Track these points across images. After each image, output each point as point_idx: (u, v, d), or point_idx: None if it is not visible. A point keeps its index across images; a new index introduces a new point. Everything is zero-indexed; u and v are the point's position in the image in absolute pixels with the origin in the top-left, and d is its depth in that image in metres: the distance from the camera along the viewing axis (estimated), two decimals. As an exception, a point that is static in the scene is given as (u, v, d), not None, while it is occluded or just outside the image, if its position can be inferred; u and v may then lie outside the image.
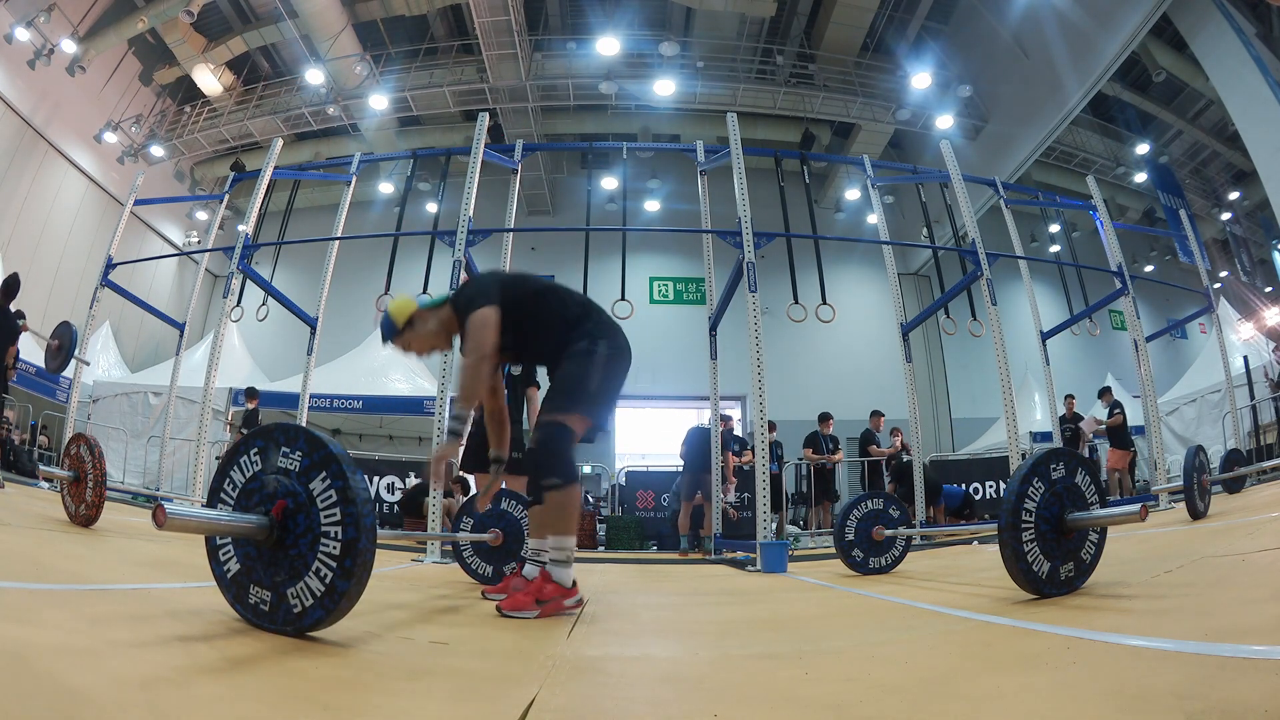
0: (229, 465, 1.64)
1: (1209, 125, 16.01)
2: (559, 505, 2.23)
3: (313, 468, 1.54)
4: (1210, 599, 1.88)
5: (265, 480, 1.58)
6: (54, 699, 0.94)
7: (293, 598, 1.50)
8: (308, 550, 1.50)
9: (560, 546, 2.25)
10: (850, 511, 3.80)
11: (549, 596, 2.18)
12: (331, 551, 1.48)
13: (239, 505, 1.61)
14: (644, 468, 11.42)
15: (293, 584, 1.51)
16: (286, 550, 1.52)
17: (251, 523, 1.52)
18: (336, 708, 1.07)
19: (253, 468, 1.61)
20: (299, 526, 1.51)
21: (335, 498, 1.51)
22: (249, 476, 1.61)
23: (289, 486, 1.54)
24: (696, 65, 14.49)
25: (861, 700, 1.19)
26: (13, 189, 12.55)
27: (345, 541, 1.48)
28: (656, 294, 16.84)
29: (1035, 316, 8.39)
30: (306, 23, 13.52)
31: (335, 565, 1.47)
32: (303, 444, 1.56)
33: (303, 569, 1.50)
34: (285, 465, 1.57)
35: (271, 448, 1.59)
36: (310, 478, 1.54)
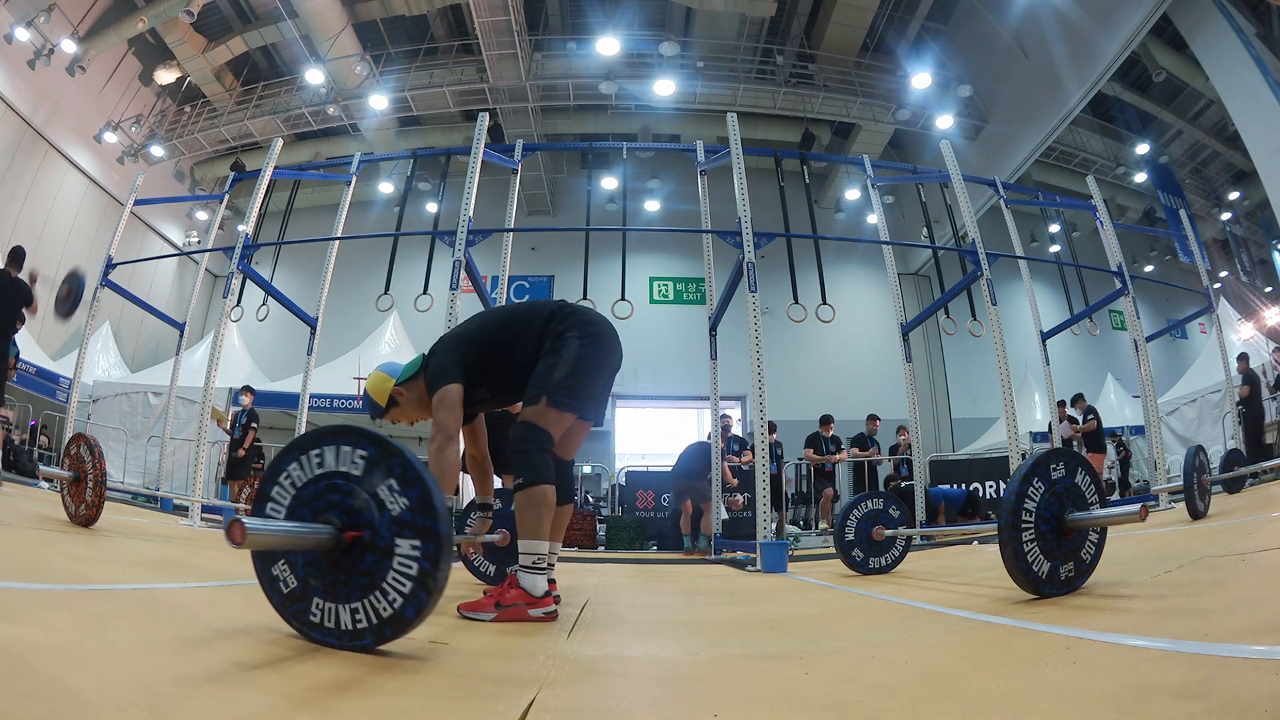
0: (278, 471, 1.55)
1: (1209, 125, 16.01)
2: (524, 506, 2.15)
3: (382, 473, 1.46)
4: (1210, 599, 1.88)
5: (328, 487, 1.49)
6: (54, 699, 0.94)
7: (359, 613, 1.43)
8: (376, 565, 1.42)
9: (530, 551, 2.14)
10: (850, 511, 3.80)
11: (510, 602, 2.11)
12: (406, 570, 1.40)
13: (293, 514, 1.51)
14: (644, 468, 11.42)
15: (362, 598, 1.43)
16: (355, 564, 1.44)
17: (324, 534, 1.44)
18: (336, 708, 1.07)
19: (309, 473, 1.52)
20: (370, 538, 1.43)
21: (410, 506, 1.43)
22: (305, 483, 1.52)
23: (356, 497, 1.46)
24: (696, 65, 14.49)
25: (861, 700, 1.19)
26: (13, 189, 12.55)
27: (421, 556, 1.40)
28: (656, 294, 16.84)
29: (1035, 316, 8.39)
30: (306, 23, 13.52)
31: (409, 582, 1.40)
32: (369, 448, 1.48)
33: (372, 585, 1.42)
34: (349, 471, 1.48)
35: (332, 451, 1.50)
36: (379, 484, 1.45)
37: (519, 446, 2.18)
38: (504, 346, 2.38)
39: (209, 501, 6.93)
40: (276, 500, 1.54)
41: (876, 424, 9.43)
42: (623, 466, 11.39)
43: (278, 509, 1.54)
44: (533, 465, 2.16)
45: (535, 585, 2.14)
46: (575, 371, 2.25)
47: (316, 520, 1.47)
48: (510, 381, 2.38)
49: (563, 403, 2.21)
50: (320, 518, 1.47)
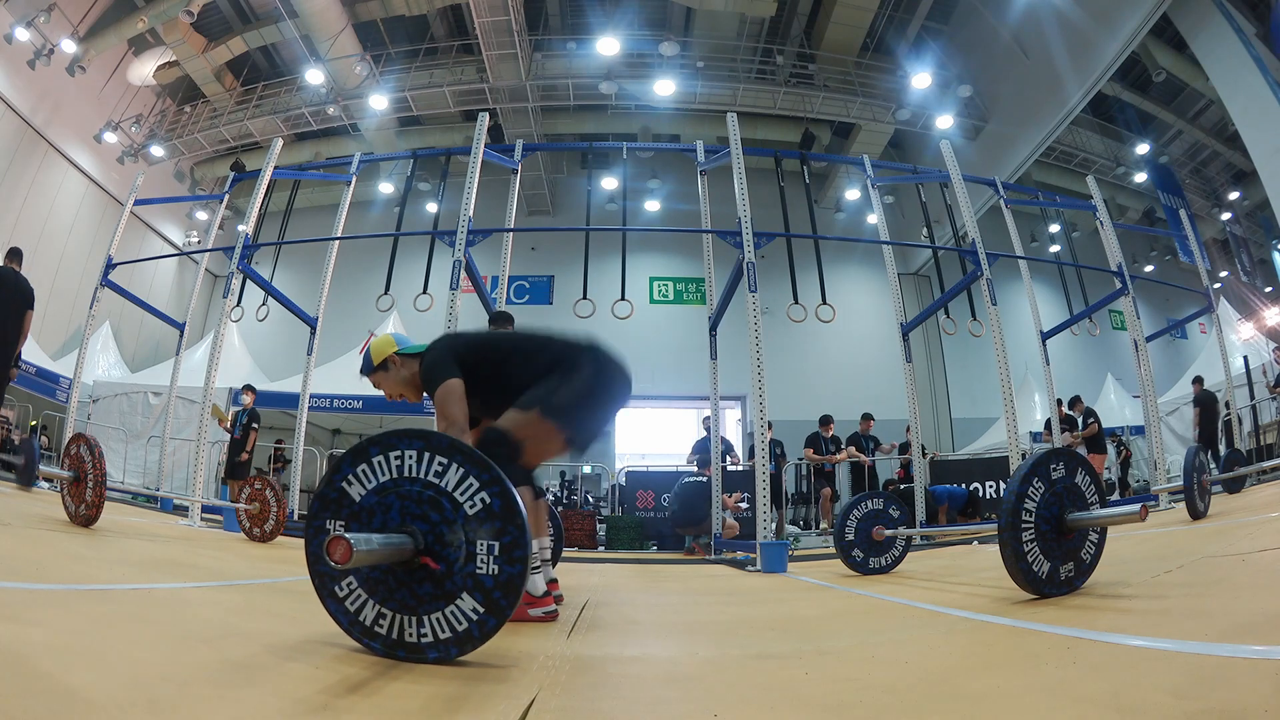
0: (338, 474, 1.54)
1: (1209, 125, 16.00)
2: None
3: (461, 480, 1.47)
4: (1210, 599, 1.88)
5: (398, 493, 1.48)
6: (53, 698, 0.94)
7: (431, 625, 1.43)
8: (457, 574, 1.42)
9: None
10: (850, 511, 3.80)
11: None
12: (483, 582, 1.41)
13: (354, 522, 1.50)
14: (644, 468, 11.41)
15: (436, 610, 1.43)
16: (431, 574, 1.43)
17: (409, 546, 1.43)
18: (336, 708, 1.07)
19: (376, 479, 1.50)
20: (446, 549, 1.44)
21: (490, 510, 1.44)
22: (372, 489, 1.51)
23: (433, 504, 1.46)
24: (696, 65, 14.49)
25: (861, 700, 1.19)
26: (13, 189, 12.54)
27: (500, 569, 1.41)
28: (656, 294, 16.84)
29: (1035, 316, 8.39)
30: (306, 23, 13.51)
31: (484, 596, 1.40)
32: (457, 457, 1.48)
33: (448, 598, 1.42)
34: (427, 478, 1.48)
35: (405, 456, 1.50)
36: (457, 490, 1.46)
37: (487, 453, 2.16)
38: (510, 375, 2.31)
39: (209, 501, 6.93)
40: (345, 501, 1.52)
41: (870, 424, 9.43)
42: (623, 466, 11.39)
43: (350, 508, 1.52)
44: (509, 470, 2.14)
45: (535, 585, 2.14)
46: (577, 395, 2.20)
47: (399, 529, 1.46)
48: (506, 404, 2.31)
49: (556, 419, 2.16)
50: (404, 528, 1.46)
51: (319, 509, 1.54)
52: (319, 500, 1.55)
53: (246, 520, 5.07)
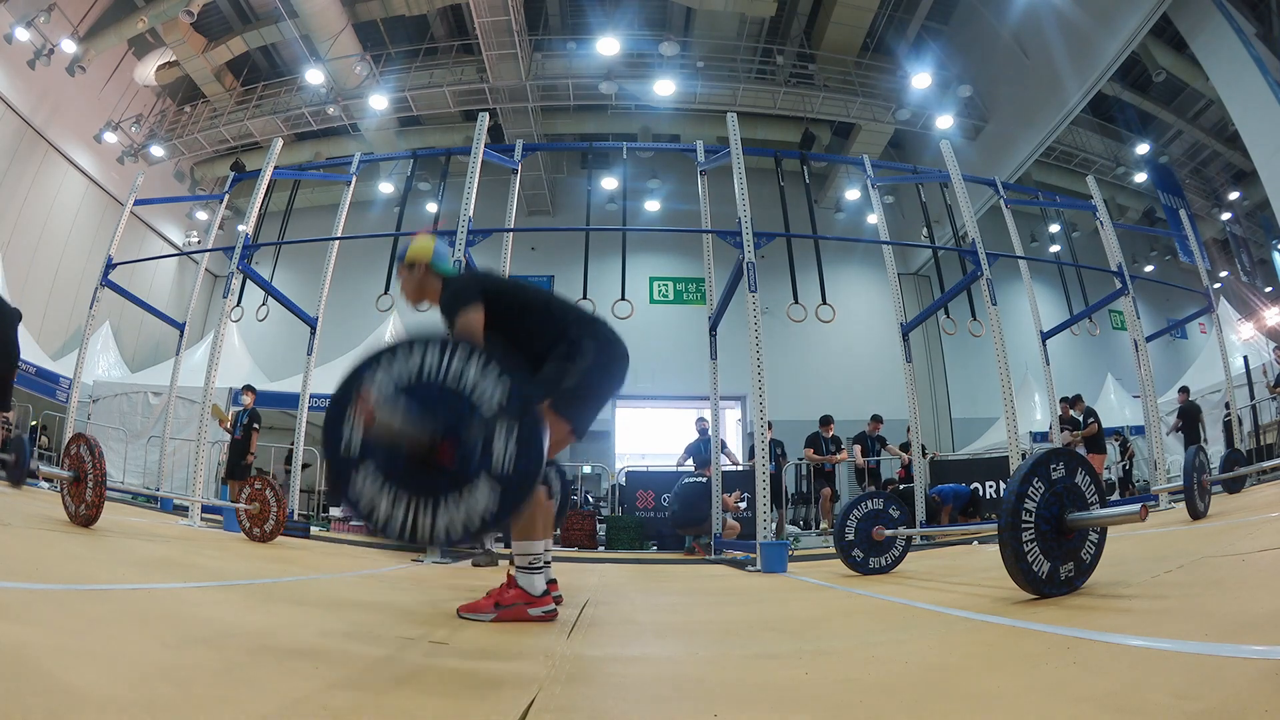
0: (358, 377, 1.66)
1: (1209, 125, 16.01)
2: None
3: (478, 382, 1.61)
4: (1210, 599, 1.88)
5: (419, 393, 1.60)
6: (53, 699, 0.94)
7: (443, 515, 1.55)
8: (471, 466, 1.55)
9: (525, 552, 2.13)
10: (850, 511, 3.80)
11: (509, 602, 2.10)
12: (496, 476, 1.54)
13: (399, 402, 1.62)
14: (644, 468, 11.41)
15: (448, 500, 1.55)
16: (445, 466, 1.56)
17: (423, 436, 1.57)
18: (336, 708, 1.07)
19: (393, 381, 1.63)
20: (462, 444, 1.56)
21: (506, 411, 1.58)
22: (391, 391, 1.63)
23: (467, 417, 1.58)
24: (696, 65, 14.49)
25: (861, 700, 1.19)
26: (13, 189, 12.55)
27: (513, 465, 1.54)
28: (656, 294, 16.84)
29: (1035, 316, 8.39)
30: (306, 23, 13.51)
31: (496, 488, 1.54)
32: (476, 361, 1.62)
33: (461, 488, 1.54)
34: (446, 380, 1.61)
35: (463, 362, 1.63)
36: (474, 392, 1.60)
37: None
38: (526, 328, 2.32)
39: (209, 501, 6.93)
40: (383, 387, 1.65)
41: (878, 425, 9.43)
42: (623, 466, 11.39)
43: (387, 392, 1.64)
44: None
45: (533, 584, 2.14)
46: (583, 385, 2.21)
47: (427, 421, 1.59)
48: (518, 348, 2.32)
49: (564, 412, 2.16)
50: (433, 421, 1.59)
51: (340, 405, 1.66)
52: (336, 402, 1.67)
53: (246, 520, 5.08)
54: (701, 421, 8.64)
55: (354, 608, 2.40)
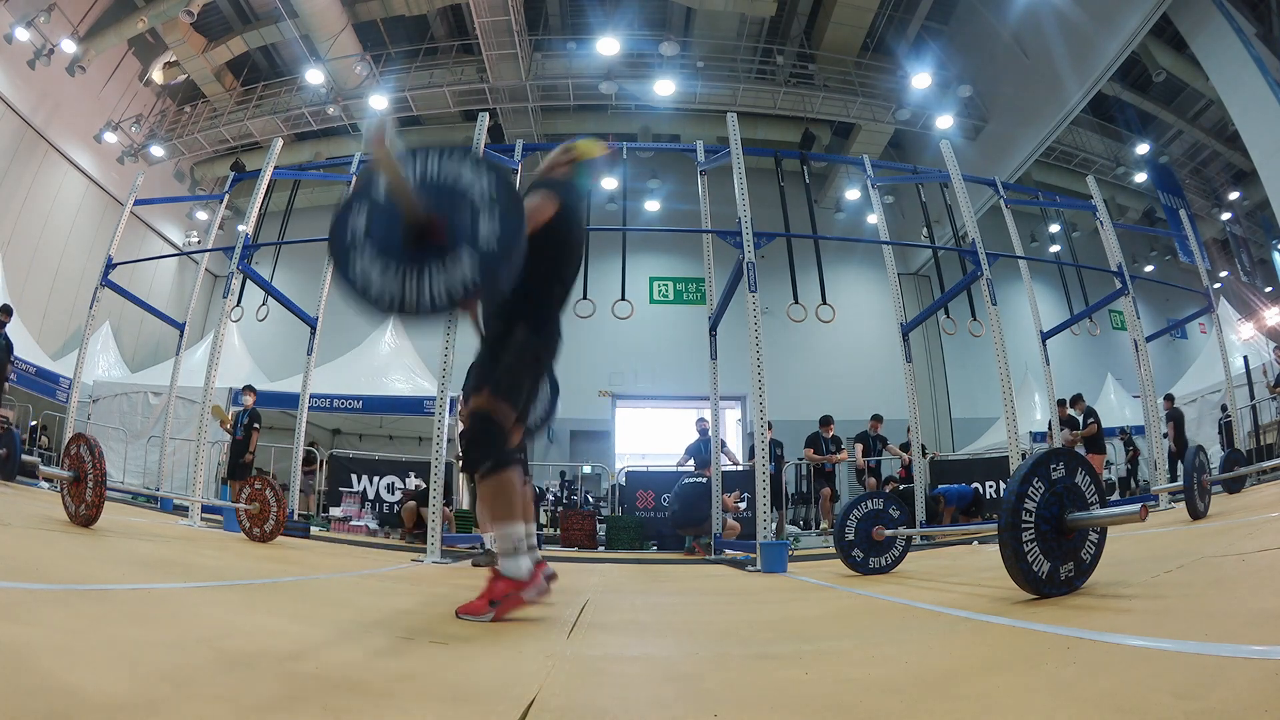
0: (367, 184, 1.96)
1: (1209, 125, 16.01)
2: (494, 492, 2.11)
3: (473, 176, 1.90)
4: (1210, 599, 1.88)
5: (420, 185, 1.90)
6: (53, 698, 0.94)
7: (431, 283, 1.80)
8: (460, 240, 1.82)
9: (504, 535, 2.10)
10: (850, 511, 3.80)
11: (502, 595, 2.06)
12: (482, 246, 1.81)
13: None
14: (644, 468, 11.41)
15: (437, 270, 1.81)
16: (437, 240, 1.84)
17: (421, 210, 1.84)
18: (336, 708, 1.07)
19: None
20: (453, 223, 1.84)
21: (494, 198, 1.86)
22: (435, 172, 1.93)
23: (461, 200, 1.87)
24: (696, 65, 14.49)
25: (861, 700, 1.19)
26: (13, 189, 12.55)
27: (496, 240, 1.81)
28: (656, 294, 16.84)
29: (1035, 316, 8.39)
30: (306, 23, 13.52)
31: (479, 257, 1.80)
32: (471, 159, 1.93)
33: (450, 257, 1.81)
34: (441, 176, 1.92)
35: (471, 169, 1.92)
36: (468, 184, 1.90)
37: (473, 437, 2.16)
38: (547, 260, 2.25)
39: (209, 501, 6.93)
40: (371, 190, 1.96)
41: (879, 424, 9.43)
42: (623, 466, 11.39)
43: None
44: (491, 451, 2.13)
45: (519, 568, 2.10)
46: (530, 390, 2.23)
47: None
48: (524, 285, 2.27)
49: (502, 392, 2.17)
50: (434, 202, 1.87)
51: (348, 200, 1.95)
52: (346, 201, 1.95)
53: (246, 520, 5.08)
54: (702, 422, 8.64)
55: (353, 607, 2.40)
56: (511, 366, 2.18)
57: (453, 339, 5.31)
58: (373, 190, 1.97)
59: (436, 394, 5.43)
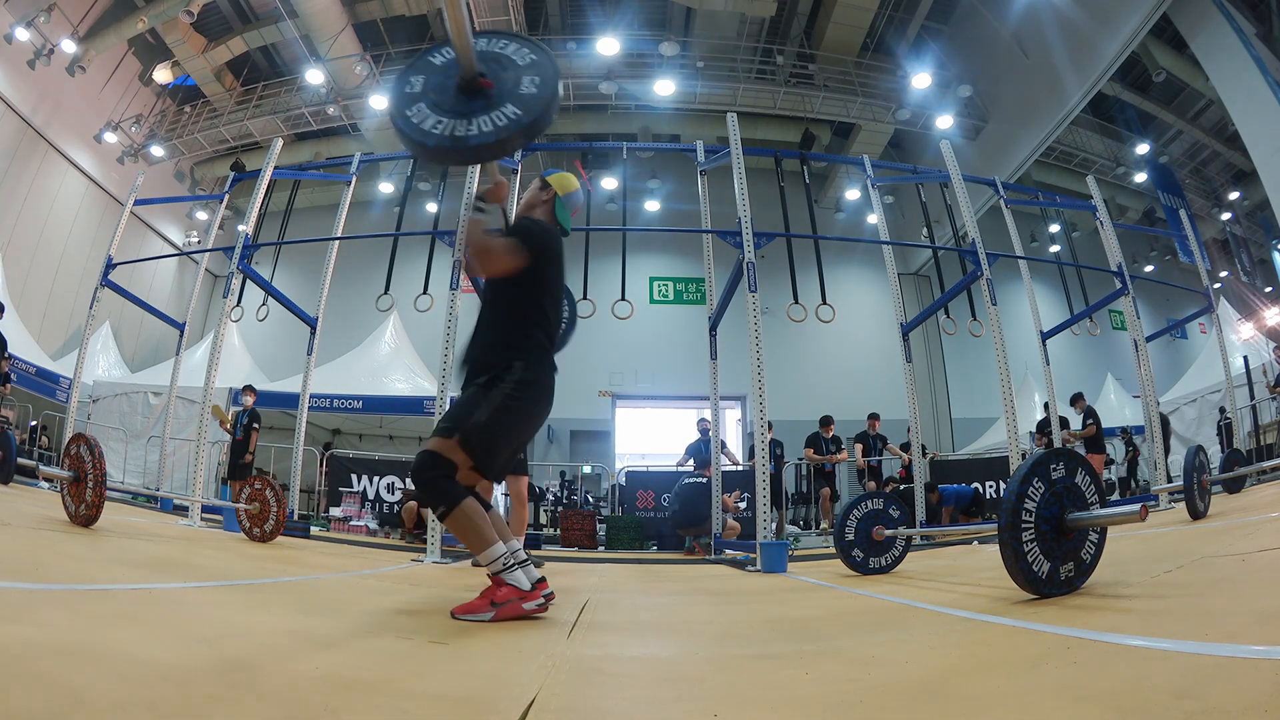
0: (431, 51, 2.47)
1: (1209, 125, 16.01)
2: (459, 528, 2.14)
3: (516, 48, 2.42)
4: (1210, 599, 1.88)
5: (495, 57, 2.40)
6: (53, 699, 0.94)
7: (478, 124, 2.23)
8: (505, 92, 2.28)
9: (491, 558, 2.14)
10: (850, 511, 3.80)
11: (504, 599, 2.10)
12: (523, 97, 2.28)
13: (433, 74, 2.41)
14: (644, 468, 11.41)
15: (483, 115, 2.24)
16: (485, 92, 2.27)
17: (471, 69, 2.30)
18: (336, 709, 1.07)
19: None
20: (499, 79, 2.32)
21: (535, 63, 2.38)
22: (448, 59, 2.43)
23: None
24: (696, 65, 14.48)
25: (861, 700, 1.19)
26: (13, 189, 12.55)
27: (537, 91, 2.30)
28: (656, 294, 16.84)
29: (1035, 316, 8.38)
30: (306, 23, 13.51)
31: (522, 105, 2.27)
32: (515, 39, 2.44)
33: (495, 107, 2.26)
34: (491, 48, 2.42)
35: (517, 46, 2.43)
36: (513, 53, 2.41)
37: (421, 477, 2.15)
38: (528, 299, 2.34)
39: (209, 501, 6.93)
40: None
41: (877, 423, 9.43)
42: (623, 467, 11.39)
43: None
44: (441, 491, 2.14)
45: (520, 579, 2.14)
46: (495, 424, 2.18)
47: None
48: (485, 317, 2.42)
49: (472, 449, 2.16)
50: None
51: (409, 67, 2.44)
52: (407, 67, 2.45)
53: (246, 520, 5.07)
54: (703, 422, 8.64)
55: (353, 607, 2.40)
56: (488, 429, 2.17)
57: (453, 339, 5.31)
58: (430, 59, 2.42)
59: (436, 394, 5.43)
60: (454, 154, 2.26)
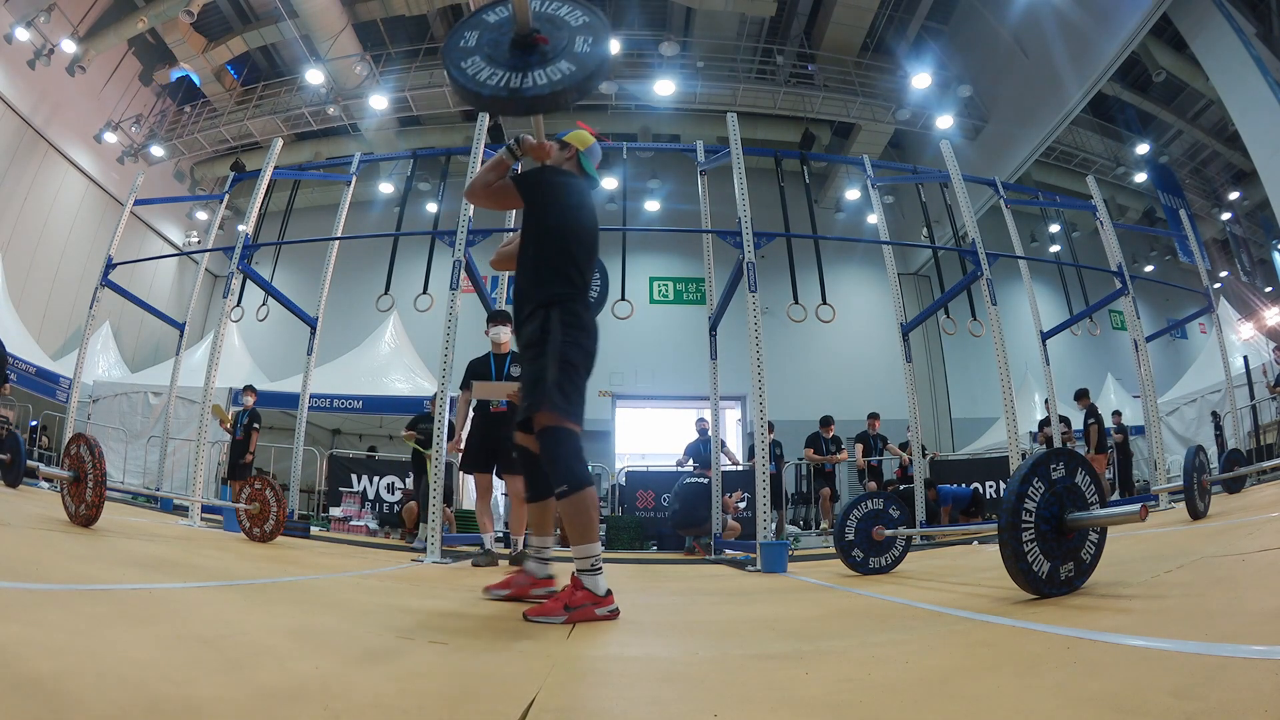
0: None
1: (1209, 125, 16.01)
2: (575, 512, 2.17)
3: (570, 8, 2.55)
4: (1210, 599, 1.88)
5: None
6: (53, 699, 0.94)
7: (533, 77, 2.40)
8: (560, 49, 2.42)
9: (584, 554, 2.17)
10: (850, 512, 3.80)
11: (578, 603, 2.13)
12: (578, 55, 2.42)
13: (488, 30, 2.56)
14: (644, 468, 11.41)
15: (538, 69, 2.40)
16: (540, 47, 2.43)
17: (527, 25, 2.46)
18: (335, 708, 1.07)
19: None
20: (555, 36, 2.46)
21: (589, 25, 2.51)
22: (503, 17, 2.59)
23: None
24: (696, 65, 14.49)
25: (861, 700, 1.19)
26: (13, 189, 12.55)
27: (590, 50, 2.44)
28: (656, 294, 16.84)
29: (1035, 316, 8.39)
30: (306, 23, 13.52)
31: (576, 62, 2.42)
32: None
33: (550, 62, 2.39)
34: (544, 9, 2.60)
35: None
36: (566, 13, 2.54)
37: (549, 455, 2.20)
38: (556, 246, 2.38)
39: (209, 501, 6.93)
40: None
41: (877, 423, 9.43)
42: (623, 467, 11.39)
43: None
44: (571, 471, 2.17)
45: (597, 585, 2.17)
46: (564, 373, 2.25)
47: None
48: (521, 266, 2.43)
49: (558, 406, 2.22)
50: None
51: (463, 22, 2.61)
52: (462, 22, 2.61)
53: (246, 520, 5.07)
54: (702, 422, 8.64)
55: (353, 607, 2.40)
56: (560, 382, 2.22)
57: (452, 339, 5.31)
58: (484, 16, 2.51)
59: (436, 394, 5.43)
60: (509, 103, 2.35)
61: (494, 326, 4.94)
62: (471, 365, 4.98)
